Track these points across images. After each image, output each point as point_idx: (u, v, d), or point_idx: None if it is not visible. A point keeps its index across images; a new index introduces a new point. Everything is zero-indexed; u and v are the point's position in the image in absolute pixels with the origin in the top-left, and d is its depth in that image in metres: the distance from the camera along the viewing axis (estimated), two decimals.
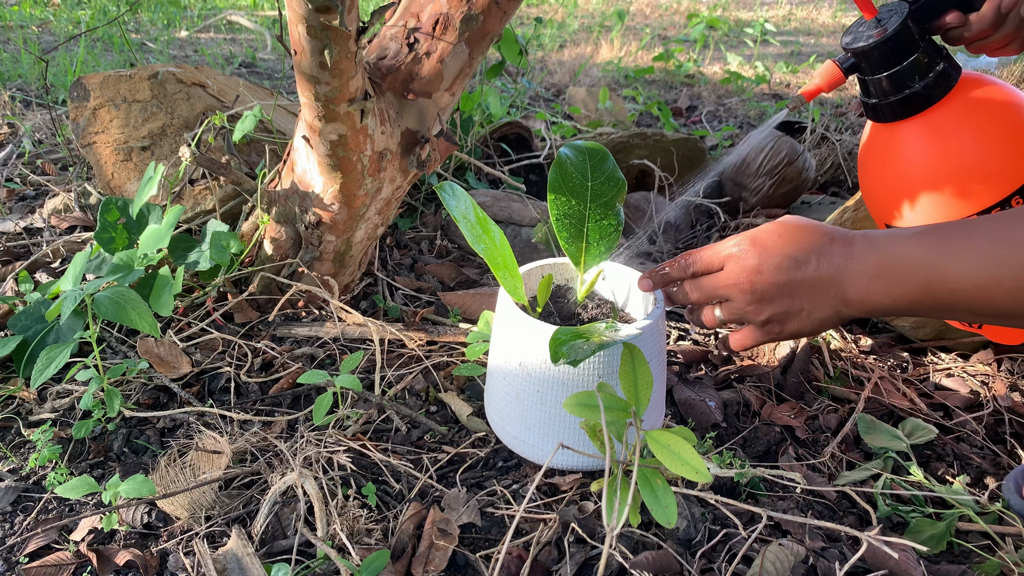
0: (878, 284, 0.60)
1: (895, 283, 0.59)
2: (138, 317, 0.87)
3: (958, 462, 0.91)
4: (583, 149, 0.83)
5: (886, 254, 0.60)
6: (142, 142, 1.23)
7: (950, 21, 0.80)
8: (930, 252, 0.57)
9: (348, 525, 0.72)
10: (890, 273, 0.59)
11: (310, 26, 0.75)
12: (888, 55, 0.80)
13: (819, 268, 0.63)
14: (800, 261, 0.64)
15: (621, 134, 1.65)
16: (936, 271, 0.57)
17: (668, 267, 0.74)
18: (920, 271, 0.58)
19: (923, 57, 0.79)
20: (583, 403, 0.64)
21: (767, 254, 0.65)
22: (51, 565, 0.71)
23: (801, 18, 4.85)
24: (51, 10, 3.35)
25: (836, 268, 0.62)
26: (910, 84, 0.80)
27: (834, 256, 0.63)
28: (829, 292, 0.63)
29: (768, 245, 0.65)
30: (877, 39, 0.79)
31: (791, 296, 0.65)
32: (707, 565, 0.71)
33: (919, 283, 0.58)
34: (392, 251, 1.34)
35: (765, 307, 0.66)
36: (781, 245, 0.65)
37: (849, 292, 0.62)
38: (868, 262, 0.61)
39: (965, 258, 0.55)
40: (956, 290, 0.56)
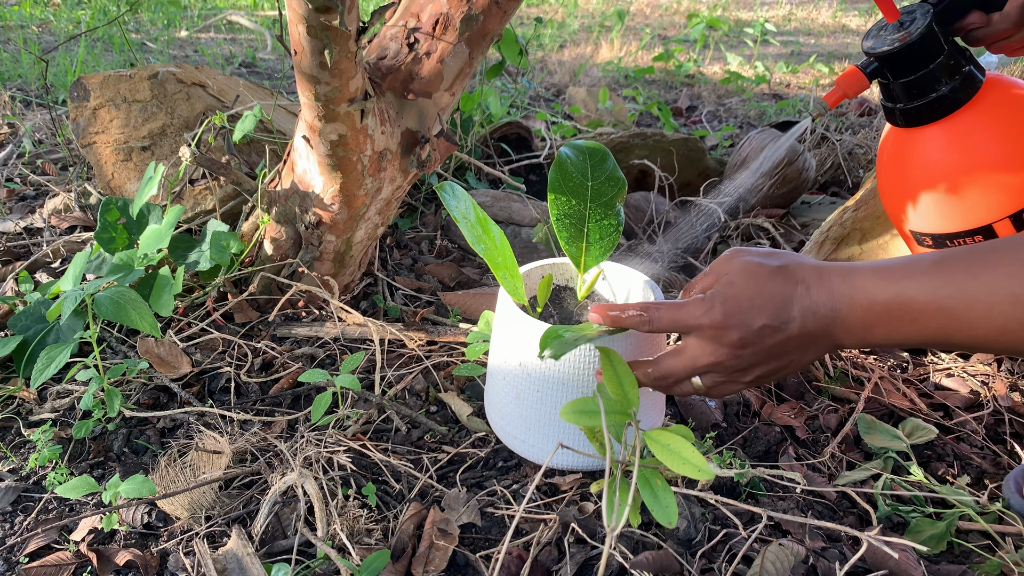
0: (879, 332, 0.56)
1: (899, 331, 0.55)
2: (138, 317, 0.87)
3: (958, 462, 0.91)
4: (583, 149, 0.83)
5: (886, 299, 0.55)
6: (142, 142, 1.23)
7: (973, 21, 0.78)
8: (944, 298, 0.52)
9: (348, 525, 0.72)
10: (894, 320, 0.55)
11: (310, 26, 0.75)
12: (914, 59, 0.77)
13: (804, 324, 0.58)
14: (781, 323, 0.58)
15: (621, 134, 1.65)
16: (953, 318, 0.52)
17: (622, 313, 0.66)
18: (933, 319, 0.53)
19: (949, 59, 0.77)
20: (579, 410, 0.64)
21: (746, 325, 0.59)
22: (51, 565, 0.71)
23: (801, 18, 4.85)
24: (51, 10, 3.35)
25: (824, 321, 0.57)
26: (936, 87, 0.77)
27: (819, 307, 0.58)
28: (819, 343, 0.59)
29: (742, 310, 0.59)
30: (902, 43, 0.77)
31: (778, 357, 0.60)
32: (707, 565, 0.71)
33: (931, 330, 0.53)
34: (392, 251, 1.34)
35: (751, 372, 0.62)
36: (757, 311, 0.59)
37: (843, 340, 0.58)
38: (861, 310, 0.56)
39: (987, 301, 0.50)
40: (977, 336, 0.52)
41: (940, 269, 0.54)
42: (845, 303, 0.56)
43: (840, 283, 0.57)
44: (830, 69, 3.03)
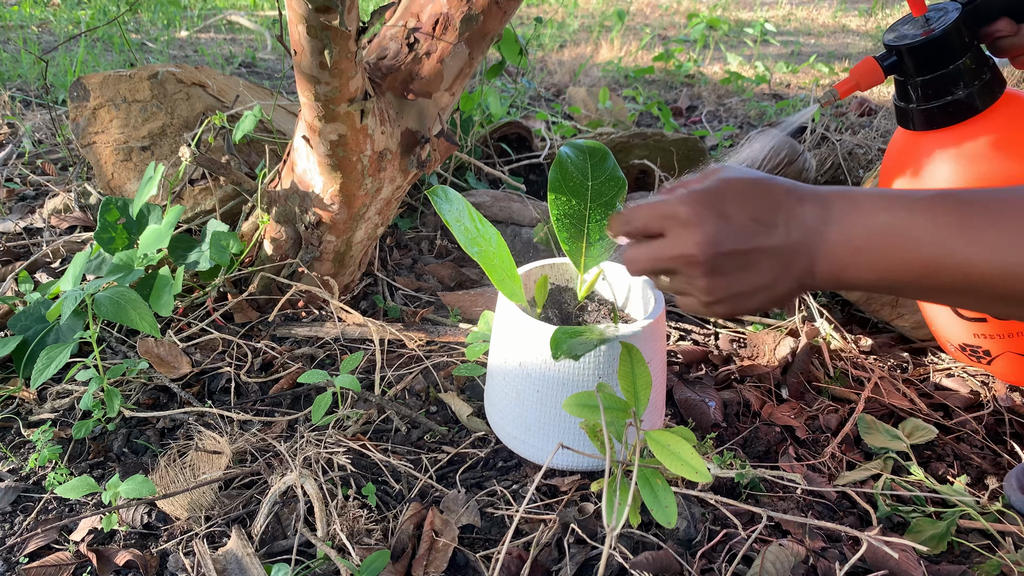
0: (864, 258, 0.50)
1: (887, 258, 0.49)
2: (138, 317, 0.87)
3: (958, 462, 0.91)
4: (584, 148, 0.83)
5: (880, 223, 0.49)
6: (142, 142, 1.23)
7: (1001, 28, 0.74)
8: (943, 228, 0.47)
9: (348, 525, 0.72)
10: (883, 246, 0.49)
11: (310, 26, 0.74)
12: (935, 56, 0.74)
13: (790, 234, 0.51)
14: (768, 225, 0.51)
15: (621, 134, 1.65)
16: (948, 252, 0.47)
17: None
18: (927, 249, 0.47)
19: (970, 63, 0.74)
20: (582, 403, 0.64)
21: (725, 219, 0.52)
22: (51, 565, 0.71)
23: (801, 18, 4.85)
24: (51, 10, 3.35)
25: (808, 233, 0.51)
26: (954, 90, 0.74)
27: (806, 219, 0.51)
28: (798, 263, 0.52)
29: (725, 207, 0.52)
30: (925, 37, 0.74)
31: (755, 269, 0.52)
32: (707, 565, 0.71)
33: (922, 263, 0.47)
34: (392, 251, 1.34)
35: (719, 283, 0.53)
36: (738, 204, 0.52)
37: (821, 264, 0.51)
38: (854, 230, 0.50)
39: (991, 239, 0.45)
40: (972, 275, 0.46)
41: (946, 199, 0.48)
42: (836, 218, 0.51)
43: (837, 198, 0.52)
44: (830, 69, 3.03)
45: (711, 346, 1.13)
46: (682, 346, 1.10)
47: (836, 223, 0.50)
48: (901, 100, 0.79)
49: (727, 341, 1.13)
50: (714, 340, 1.15)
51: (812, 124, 1.91)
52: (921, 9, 0.77)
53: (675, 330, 1.16)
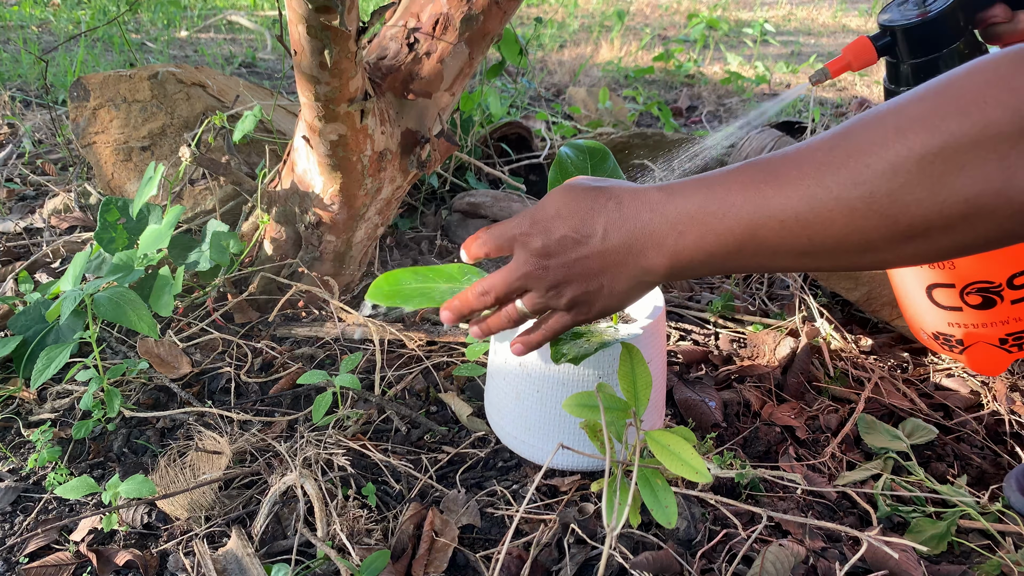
0: (689, 238, 0.50)
1: (710, 231, 0.49)
2: (137, 318, 0.87)
3: (958, 462, 0.91)
4: (584, 148, 0.82)
5: (696, 200, 0.50)
6: (142, 142, 1.23)
7: (996, 14, 0.75)
8: (752, 187, 0.48)
9: (348, 525, 0.72)
10: (703, 220, 0.50)
11: (310, 26, 0.74)
12: (928, 39, 0.74)
13: (606, 239, 0.54)
14: (583, 235, 0.55)
15: (621, 134, 1.65)
16: (761, 207, 0.47)
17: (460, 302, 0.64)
18: (742, 209, 0.48)
19: (964, 48, 0.74)
20: (583, 403, 0.64)
21: (548, 233, 0.56)
22: (51, 565, 0.71)
23: (801, 18, 4.85)
24: (51, 10, 3.35)
25: (629, 234, 0.53)
26: None
27: (625, 220, 0.53)
28: (626, 263, 0.54)
29: (547, 222, 0.56)
30: (921, 19, 0.73)
31: (584, 276, 0.56)
32: (707, 565, 0.71)
33: (742, 224, 0.48)
34: (392, 251, 1.34)
35: (564, 291, 0.57)
36: (560, 220, 0.56)
37: (653, 257, 0.53)
38: (672, 214, 0.51)
39: (795, 189, 0.45)
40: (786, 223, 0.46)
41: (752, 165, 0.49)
42: (657, 209, 0.52)
43: (654, 191, 0.53)
44: None
45: (711, 346, 1.13)
46: (682, 346, 1.10)
47: (657, 214, 0.52)
48: (892, 83, 0.79)
49: (727, 341, 1.13)
50: (714, 340, 1.15)
51: (812, 124, 1.91)
52: None
53: (675, 330, 1.16)
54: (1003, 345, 0.80)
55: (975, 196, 0.39)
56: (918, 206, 0.41)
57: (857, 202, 0.43)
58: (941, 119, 0.40)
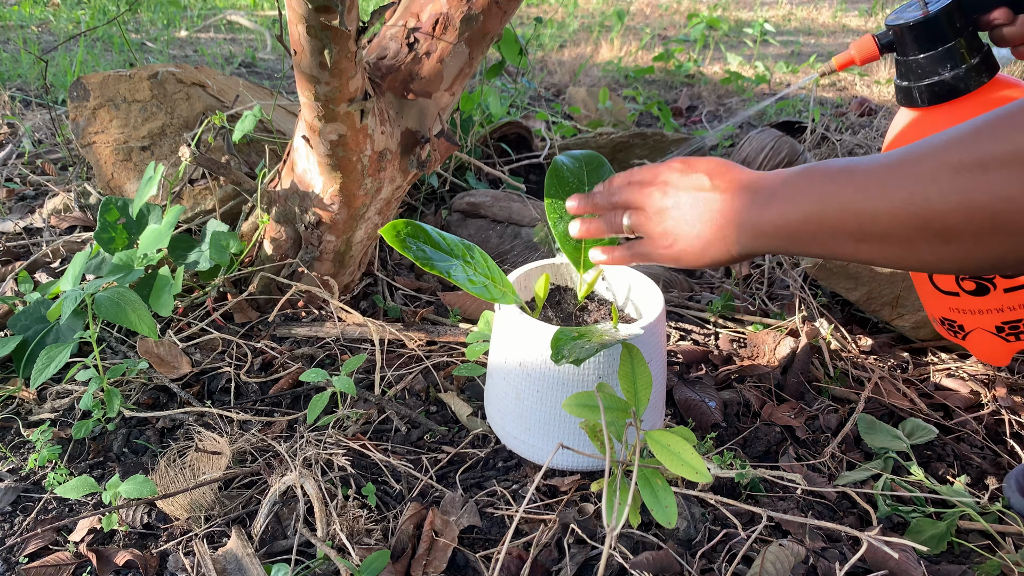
0: (773, 206, 0.58)
1: (789, 201, 0.57)
2: (137, 319, 0.87)
3: (958, 462, 0.91)
4: (580, 157, 0.84)
5: (781, 176, 0.59)
6: (142, 142, 1.23)
7: (997, 17, 0.79)
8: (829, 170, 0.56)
9: (348, 525, 0.72)
10: (789, 190, 0.58)
11: (310, 26, 0.74)
12: (926, 37, 0.79)
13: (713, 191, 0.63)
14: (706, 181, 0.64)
15: (621, 134, 1.65)
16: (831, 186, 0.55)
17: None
18: (817, 184, 0.56)
19: (960, 47, 0.79)
20: (583, 403, 0.64)
21: (686, 168, 0.65)
22: (51, 565, 0.71)
23: (801, 18, 4.85)
24: (51, 10, 3.35)
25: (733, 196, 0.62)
26: (940, 71, 0.79)
27: (731, 186, 0.62)
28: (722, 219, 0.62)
29: (691, 163, 0.66)
30: (918, 18, 0.79)
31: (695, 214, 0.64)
32: (707, 565, 0.71)
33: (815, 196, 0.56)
34: (392, 251, 1.34)
35: (665, 216, 0.65)
36: (698, 165, 0.65)
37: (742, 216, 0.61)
38: (764, 187, 0.60)
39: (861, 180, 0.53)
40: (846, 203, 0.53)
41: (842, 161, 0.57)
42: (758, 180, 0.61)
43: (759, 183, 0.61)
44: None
45: (711, 346, 1.13)
46: (682, 346, 1.10)
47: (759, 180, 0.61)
48: (900, 79, 0.84)
49: (727, 341, 1.13)
50: (714, 340, 1.15)
51: (812, 124, 1.91)
52: None
53: (675, 330, 1.16)
54: (999, 333, 0.82)
55: (1000, 210, 0.45)
56: (950, 213, 0.47)
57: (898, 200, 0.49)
58: (979, 140, 0.46)
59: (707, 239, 0.63)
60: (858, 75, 3.00)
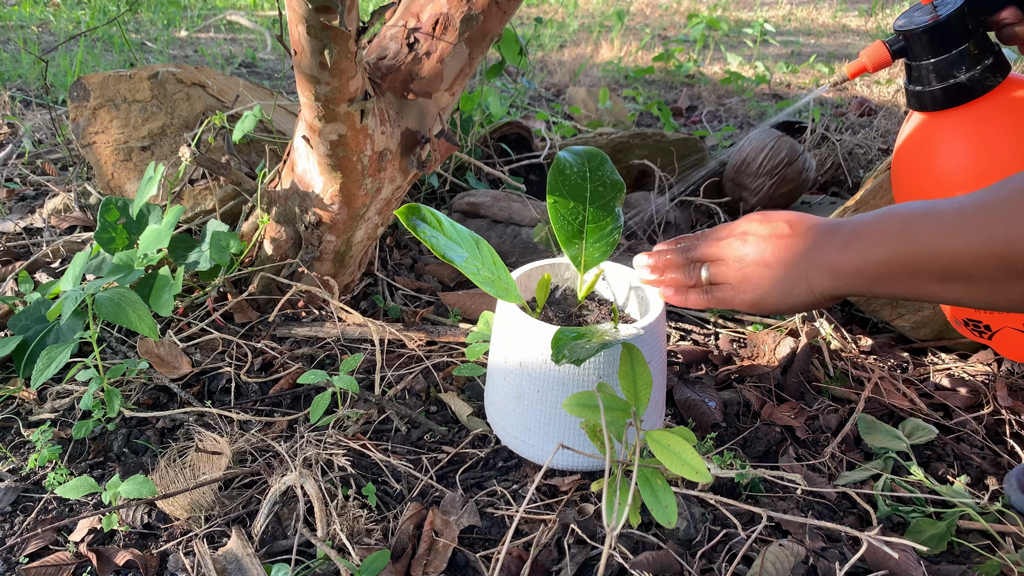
0: (854, 247, 0.60)
1: (869, 242, 0.59)
2: (137, 319, 0.87)
3: (958, 462, 0.91)
4: (582, 153, 0.83)
5: (861, 220, 0.60)
6: (142, 142, 1.23)
7: (1006, 17, 0.78)
8: (907, 212, 0.57)
9: (348, 525, 0.72)
10: (869, 231, 0.59)
11: (310, 26, 0.74)
12: (938, 41, 0.79)
13: (793, 225, 0.65)
14: (768, 217, 0.67)
15: (621, 134, 1.65)
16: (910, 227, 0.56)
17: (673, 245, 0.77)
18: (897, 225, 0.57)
19: (973, 48, 0.78)
20: (583, 403, 0.64)
21: (765, 219, 0.68)
22: (51, 565, 0.71)
23: (801, 18, 4.85)
24: (51, 10, 3.35)
25: (814, 240, 0.63)
26: (955, 74, 0.79)
27: (810, 231, 0.64)
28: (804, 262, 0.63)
29: (769, 215, 0.68)
30: (929, 23, 0.78)
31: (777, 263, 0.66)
32: (707, 565, 0.71)
33: (895, 237, 0.57)
34: (392, 251, 1.34)
35: (746, 263, 0.67)
36: (776, 216, 0.67)
37: (823, 258, 0.62)
38: (844, 229, 0.61)
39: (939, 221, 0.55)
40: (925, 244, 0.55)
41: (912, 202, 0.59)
42: (834, 226, 0.63)
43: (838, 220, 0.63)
44: (830, 69, 3.03)
45: (711, 346, 1.13)
46: (682, 346, 1.10)
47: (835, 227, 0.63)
48: (911, 83, 0.83)
49: (727, 341, 1.13)
50: (714, 340, 1.15)
51: (812, 124, 1.91)
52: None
53: (675, 330, 1.16)
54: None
55: None
56: None
57: (979, 242, 0.51)
58: None
59: (789, 283, 0.64)
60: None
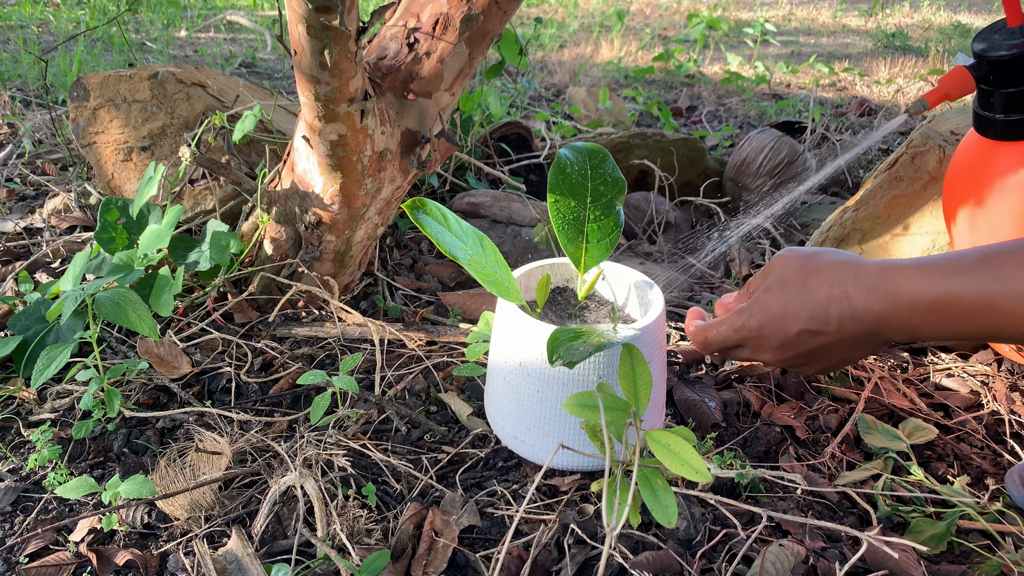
0: (927, 329, 0.56)
1: (947, 325, 0.55)
2: (137, 319, 0.87)
3: (958, 462, 0.91)
4: (583, 150, 0.83)
5: (931, 298, 0.55)
6: (142, 142, 1.23)
7: None
8: (993, 295, 0.52)
9: (348, 525, 0.72)
10: (941, 318, 0.54)
11: (310, 26, 0.74)
12: (1019, 71, 0.74)
13: (843, 328, 0.60)
14: (820, 325, 0.61)
15: (621, 134, 1.65)
16: (1001, 314, 0.52)
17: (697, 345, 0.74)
18: (981, 315, 0.53)
19: None
20: (583, 403, 0.64)
21: (784, 331, 0.62)
22: (51, 565, 0.71)
23: (801, 18, 4.85)
24: (51, 10, 3.35)
25: (865, 324, 0.58)
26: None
27: (857, 311, 0.58)
28: (867, 342, 0.60)
29: (779, 321, 0.63)
30: (1016, 51, 0.74)
31: (827, 356, 0.63)
32: (707, 565, 0.71)
33: (980, 327, 0.53)
34: (392, 251, 1.34)
35: (808, 367, 0.66)
36: (793, 317, 0.62)
37: (891, 336, 0.59)
38: (906, 310, 0.56)
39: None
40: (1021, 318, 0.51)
41: (987, 265, 0.53)
42: (888, 304, 0.57)
43: (881, 284, 0.57)
44: (830, 69, 3.03)
45: None
46: (682, 346, 1.10)
47: (890, 310, 0.57)
48: (983, 109, 0.79)
49: None
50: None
51: (812, 124, 1.91)
52: (1017, 19, 0.76)
53: (675, 330, 1.16)
54: None
55: None
56: None
57: None
58: None
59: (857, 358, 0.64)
60: (858, 75, 3.00)
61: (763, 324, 0.64)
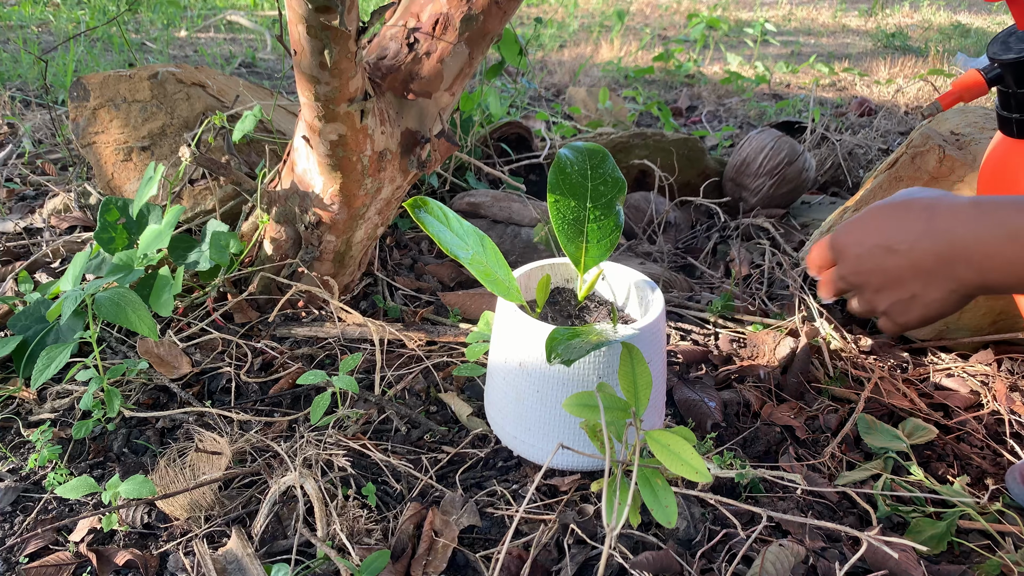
0: (998, 259, 0.53)
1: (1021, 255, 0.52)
2: (137, 319, 0.87)
3: (958, 462, 0.91)
4: (583, 150, 0.83)
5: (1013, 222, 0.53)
6: (142, 142, 1.23)
7: None
8: None
9: (348, 525, 0.72)
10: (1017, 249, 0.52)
11: (310, 26, 0.74)
12: None
13: (914, 249, 0.58)
14: (892, 245, 0.59)
15: (621, 134, 1.65)
16: None
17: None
18: None
19: None
20: (583, 403, 0.64)
21: (861, 243, 0.62)
22: (51, 565, 0.71)
23: (801, 18, 4.85)
24: (51, 10, 3.35)
25: (939, 245, 0.56)
26: None
27: (936, 232, 0.57)
28: (937, 272, 0.57)
29: (862, 232, 0.62)
30: None
31: (895, 283, 0.60)
32: (707, 565, 0.71)
33: None
34: (392, 251, 1.34)
35: (879, 298, 0.62)
36: (874, 230, 0.61)
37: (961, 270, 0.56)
38: (986, 233, 0.54)
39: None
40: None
41: None
42: (970, 225, 0.55)
43: (969, 208, 0.56)
44: (830, 69, 3.03)
45: (711, 346, 1.13)
46: (682, 346, 1.10)
47: (970, 230, 0.55)
48: (1004, 109, 0.81)
49: (727, 341, 1.13)
50: (714, 340, 1.15)
51: (812, 124, 1.91)
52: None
53: (675, 330, 1.16)
54: None
55: None
56: None
57: None
58: None
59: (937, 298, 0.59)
60: (858, 75, 3.00)
61: (849, 231, 0.63)
